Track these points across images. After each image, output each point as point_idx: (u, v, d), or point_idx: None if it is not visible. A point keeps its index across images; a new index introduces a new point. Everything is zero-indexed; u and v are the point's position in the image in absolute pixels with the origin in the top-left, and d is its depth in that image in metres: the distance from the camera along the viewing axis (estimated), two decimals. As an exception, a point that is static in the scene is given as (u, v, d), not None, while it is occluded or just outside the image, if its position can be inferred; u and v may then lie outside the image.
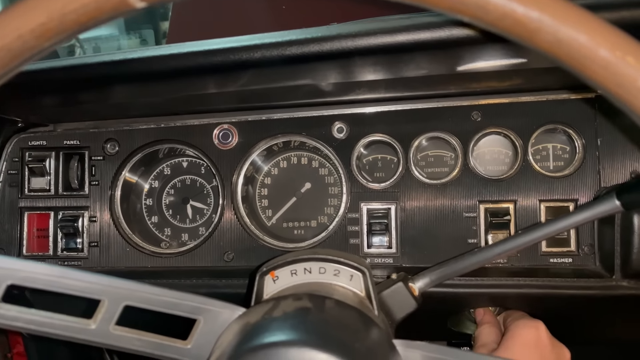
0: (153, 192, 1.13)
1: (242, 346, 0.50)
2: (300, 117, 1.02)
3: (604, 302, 0.90)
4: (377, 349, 0.53)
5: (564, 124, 0.96)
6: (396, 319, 0.74)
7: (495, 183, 0.97)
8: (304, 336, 0.49)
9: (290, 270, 0.71)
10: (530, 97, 0.97)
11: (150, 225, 1.12)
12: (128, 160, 1.06)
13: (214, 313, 0.60)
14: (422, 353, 0.56)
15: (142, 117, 1.05)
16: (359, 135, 1.01)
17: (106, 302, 0.55)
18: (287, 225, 1.09)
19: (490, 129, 0.98)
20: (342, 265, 0.70)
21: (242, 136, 1.03)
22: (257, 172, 1.09)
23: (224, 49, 0.72)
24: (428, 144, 1.02)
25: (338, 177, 1.05)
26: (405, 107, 1.00)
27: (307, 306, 0.56)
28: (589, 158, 0.95)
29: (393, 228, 0.99)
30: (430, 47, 0.69)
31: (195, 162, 1.12)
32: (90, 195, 1.06)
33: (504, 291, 0.92)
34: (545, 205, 0.96)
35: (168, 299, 0.58)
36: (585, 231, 0.94)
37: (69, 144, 1.06)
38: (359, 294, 0.69)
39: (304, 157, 1.10)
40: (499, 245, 0.72)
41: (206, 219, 1.11)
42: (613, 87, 0.37)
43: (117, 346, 0.56)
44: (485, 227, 0.97)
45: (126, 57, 0.76)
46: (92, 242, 1.05)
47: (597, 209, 0.62)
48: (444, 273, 0.76)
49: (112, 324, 0.55)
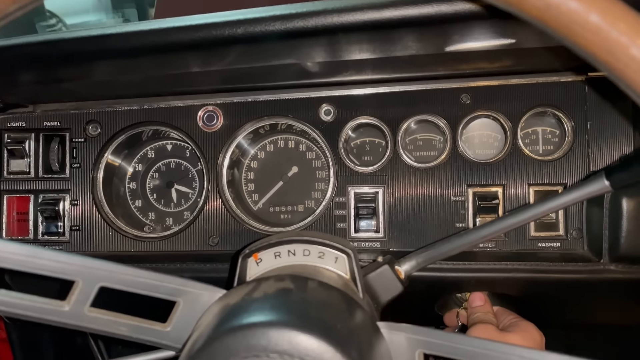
0: (137, 175, 1.11)
1: (220, 327, 0.48)
2: (286, 99, 1.00)
3: (591, 286, 0.89)
4: (360, 331, 0.52)
5: (553, 107, 0.95)
6: (382, 302, 0.73)
7: (484, 167, 0.96)
8: (284, 317, 0.47)
9: (273, 253, 0.69)
10: (520, 80, 0.95)
11: (134, 209, 1.10)
12: (110, 142, 1.04)
13: (194, 295, 0.59)
14: (406, 335, 0.55)
15: (125, 98, 1.03)
16: (346, 118, 0.99)
17: (80, 283, 0.53)
18: (274, 209, 1.07)
19: (479, 112, 0.97)
20: (326, 247, 0.69)
21: (228, 118, 1.01)
22: (243, 156, 1.07)
23: (205, 25, 0.70)
24: (417, 127, 1.01)
25: (325, 161, 1.03)
26: (394, 89, 0.98)
27: (288, 287, 0.54)
28: (579, 142, 0.94)
29: (381, 212, 0.98)
30: (418, 24, 0.67)
31: (179, 145, 1.10)
32: (71, 178, 1.03)
33: (491, 275, 0.92)
34: (534, 189, 0.95)
35: (146, 280, 0.56)
36: (573, 215, 0.93)
37: (49, 126, 1.03)
38: (344, 276, 0.68)
39: (291, 141, 1.08)
40: (486, 227, 0.71)
41: (191, 203, 1.09)
42: (603, 55, 0.35)
43: (92, 328, 0.54)
44: (473, 211, 0.96)
45: (104, 32, 0.73)
46: (73, 225, 1.03)
47: (585, 190, 0.61)
48: (430, 256, 0.74)
49: (87, 305, 0.53)
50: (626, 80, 0.36)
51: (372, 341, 0.52)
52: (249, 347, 0.46)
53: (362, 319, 0.55)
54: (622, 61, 0.35)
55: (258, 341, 0.45)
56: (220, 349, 0.46)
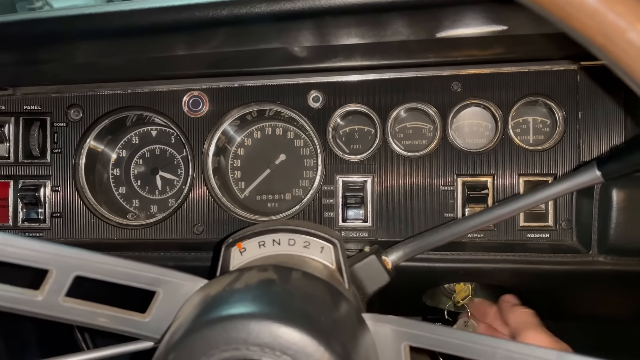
0: (121, 161, 1.08)
1: (200, 319, 0.47)
2: (274, 84, 0.98)
3: (580, 278, 0.89)
4: (344, 323, 0.51)
5: (545, 96, 0.94)
6: (368, 292, 0.72)
7: (474, 156, 0.95)
8: (266, 309, 0.46)
9: (258, 242, 0.68)
10: (511, 68, 0.94)
11: (118, 196, 1.08)
12: (93, 127, 1.01)
13: (174, 285, 0.57)
14: (392, 327, 0.54)
15: (108, 82, 1.00)
16: (335, 105, 0.97)
17: (54, 272, 0.51)
18: (261, 198, 1.06)
19: (470, 101, 0.95)
20: (312, 236, 0.67)
21: (213, 104, 0.99)
22: (229, 143, 1.05)
23: (188, 5, 0.67)
24: (406, 115, 0.99)
25: (314, 149, 1.01)
26: (384, 76, 0.96)
27: (271, 278, 0.53)
28: (570, 132, 0.93)
29: (369, 201, 0.96)
30: (408, 8, 0.65)
31: (164, 131, 1.07)
32: (52, 164, 1.01)
33: (479, 266, 0.91)
34: (524, 179, 0.94)
35: (124, 269, 0.54)
36: (563, 206, 0.92)
37: (30, 109, 1.00)
38: (330, 266, 0.66)
39: (279, 128, 1.06)
40: (475, 217, 0.70)
41: (176, 190, 1.07)
42: (599, 39, 0.33)
43: (67, 319, 0.53)
44: (462, 201, 0.94)
45: (84, 12, 0.70)
46: (54, 212, 1.00)
47: (577, 180, 0.60)
48: (418, 246, 0.73)
49: (62, 295, 0.52)
50: (623, 67, 0.34)
51: (357, 333, 0.51)
52: (228, 339, 0.44)
53: (347, 310, 0.53)
54: (619, 46, 0.33)
55: (238, 334, 0.44)
56: (199, 341, 0.45)
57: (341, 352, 0.45)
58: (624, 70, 0.34)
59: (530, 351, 0.46)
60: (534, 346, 0.47)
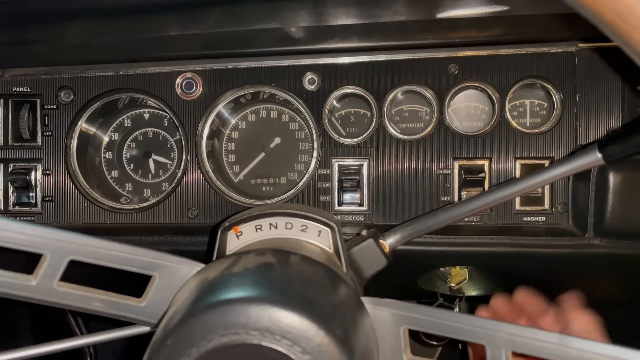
0: (113, 145, 1.06)
1: (198, 303, 0.46)
2: (269, 66, 0.96)
3: (575, 261, 0.89)
4: (344, 307, 0.50)
5: (542, 78, 0.93)
6: (366, 276, 0.72)
7: (471, 139, 0.94)
8: (265, 293, 0.45)
9: (254, 226, 0.67)
10: (509, 50, 0.93)
11: (110, 180, 1.06)
12: (84, 109, 0.99)
13: (170, 269, 0.56)
14: (391, 311, 0.53)
15: (99, 64, 0.98)
16: (331, 87, 0.96)
17: (48, 257, 0.50)
18: (256, 181, 1.04)
19: (467, 83, 0.94)
20: (310, 220, 0.67)
21: (207, 86, 0.97)
22: (223, 126, 1.04)
23: (182, -17, 0.65)
24: (403, 98, 0.98)
25: (309, 132, 1.00)
26: (380, 58, 0.95)
27: (270, 262, 0.52)
28: (567, 114, 0.93)
29: (365, 185, 0.96)
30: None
31: (157, 113, 1.06)
32: (43, 147, 0.99)
33: (476, 249, 0.91)
34: (521, 163, 0.93)
35: (119, 253, 0.53)
36: (559, 189, 0.92)
37: (19, 91, 0.98)
38: (327, 250, 0.66)
39: (274, 111, 1.05)
40: (472, 201, 0.69)
41: (170, 174, 1.05)
42: (610, 16, 0.33)
43: (62, 304, 0.52)
44: (459, 185, 0.94)
45: (74, -10, 0.69)
46: (46, 196, 0.99)
47: (577, 162, 0.60)
48: (415, 229, 0.73)
49: (56, 280, 0.51)
50: (633, 45, 0.33)
51: (357, 317, 0.51)
52: (227, 324, 0.43)
53: (346, 294, 0.53)
54: (630, 23, 0.33)
55: (237, 318, 0.43)
56: (197, 326, 0.44)
57: (341, 335, 0.44)
58: (635, 49, 0.33)
59: (530, 333, 0.46)
60: (534, 329, 0.46)
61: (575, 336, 0.42)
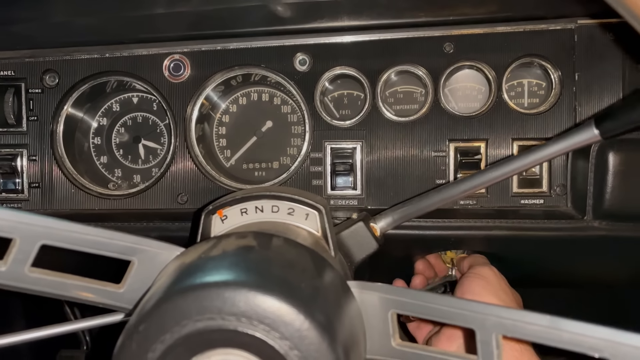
0: (101, 130, 1.04)
1: (173, 288, 0.44)
2: (258, 47, 0.93)
3: (574, 244, 0.87)
4: (327, 291, 0.48)
5: (540, 57, 0.90)
6: (356, 260, 0.70)
7: (467, 121, 0.92)
8: (241, 276, 0.43)
9: (240, 209, 0.65)
10: (506, 28, 0.90)
11: (99, 166, 1.04)
12: (70, 93, 0.97)
13: (150, 254, 0.54)
14: (379, 295, 0.51)
15: (85, 46, 0.95)
16: (323, 68, 0.93)
17: (18, 241, 0.48)
18: (247, 166, 1.02)
19: (463, 62, 0.91)
20: (296, 203, 0.65)
21: (195, 68, 0.94)
22: (213, 109, 1.01)
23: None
24: (397, 78, 0.95)
25: (301, 115, 0.98)
26: (373, 37, 0.92)
27: (250, 244, 0.50)
28: (566, 94, 0.90)
29: (358, 168, 0.93)
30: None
31: (146, 97, 1.03)
32: (28, 132, 0.96)
33: (472, 233, 0.88)
34: (518, 144, 0.90)
35: (95, 237, 0.51)
36: (557, 171, 0.90)
37: (3, 75, 0.96)
38: (315, 233, 0.64)
39: (265, 94, 1.02)
40: (465, 181, 0.67)
41: (159, 159, 1.03)
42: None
43: (35, 290, 0.50)
44: (454, 167, 0.91)
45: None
46: (32, 182, 0.97)
47: (573, 139, 0.57)
48: (407, 212, 0.71)
49: (27, 265, 0.49)
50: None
51: (341, 301, 0.49)
52: (202, 308, 0.41)
53: (331, 278, 0.51)
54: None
55: (212, 302, 0.41)
56: (171, 310, 0.42)
57: (323, 320, 0.42)
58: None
59: (520, 316, 0.44)
60: (525, 311, 0.44)
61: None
